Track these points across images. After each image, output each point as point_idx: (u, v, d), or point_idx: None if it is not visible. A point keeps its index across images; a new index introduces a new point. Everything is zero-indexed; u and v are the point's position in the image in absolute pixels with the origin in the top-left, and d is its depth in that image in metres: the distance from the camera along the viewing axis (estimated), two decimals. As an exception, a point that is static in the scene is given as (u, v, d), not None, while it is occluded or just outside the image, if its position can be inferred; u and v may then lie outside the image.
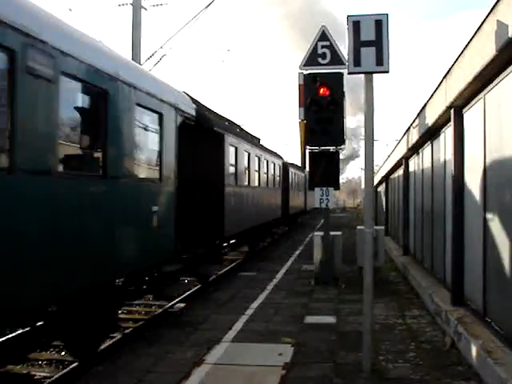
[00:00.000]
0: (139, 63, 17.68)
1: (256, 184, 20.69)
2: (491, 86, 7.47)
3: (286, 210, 30.21)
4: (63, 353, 9.68)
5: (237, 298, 12.35)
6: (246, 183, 18.74)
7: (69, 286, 7.17)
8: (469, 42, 7.63)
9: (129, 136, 8.94)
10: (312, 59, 13.11)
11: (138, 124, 9.47)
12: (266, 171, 23.14)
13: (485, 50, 6.77)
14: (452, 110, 9.38)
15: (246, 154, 18.71)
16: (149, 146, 10.21)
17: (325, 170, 13.49)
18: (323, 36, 13.14)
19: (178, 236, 11.38)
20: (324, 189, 13.56)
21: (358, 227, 15.26)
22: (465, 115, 9.15)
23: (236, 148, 16.92)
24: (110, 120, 8.24)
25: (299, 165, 37.27)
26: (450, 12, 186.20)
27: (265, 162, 22.96)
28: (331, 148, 13.50)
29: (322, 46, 13.05)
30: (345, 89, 13.01)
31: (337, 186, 13.78)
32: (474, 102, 8.47)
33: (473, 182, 8.65)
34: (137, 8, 18.96)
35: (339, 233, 15.38)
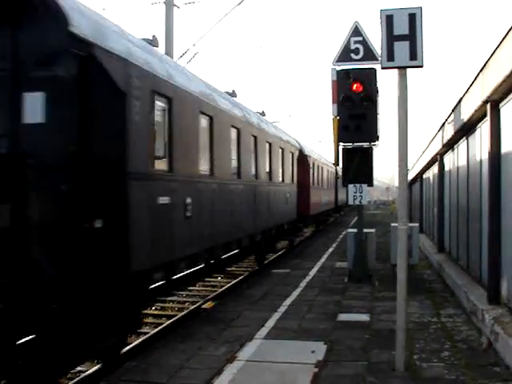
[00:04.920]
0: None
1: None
2: (529, 79, 7.29)
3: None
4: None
5: (270, 295, 12.33)
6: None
7: None
8: (506, 34, 7.46)
9: None
10: (345, 55, 12.99)
11: None
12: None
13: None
14: (488, 105, 9.19)
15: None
16: None
17: (358, 166, 13.39)
18: (356, 31, 13.01)
19: None
20: (357, 185, 13.45)
21: (392, 224, 15.10)
22: (502, 109, 8.95)
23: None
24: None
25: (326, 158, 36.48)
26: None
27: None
28: (365, 144, 13.41)
29: (355, 42, 12.92)
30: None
31: (370, 183, 13.65)
32: (511, 95, 8.28)
33: (510, 177, 8.46)
34: (169, 6, 19.07)
35: (373, 230, 15.23)
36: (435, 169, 19.57)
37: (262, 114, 17.92)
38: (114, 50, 7.74)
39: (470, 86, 10.43)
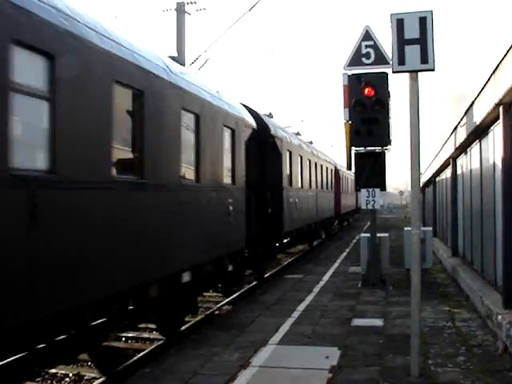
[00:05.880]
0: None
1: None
2: (542, 81, 7.23)
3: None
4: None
5: (284, 301, 12.32)
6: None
7: None
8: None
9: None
10: (356, 59, 13.00)
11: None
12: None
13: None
14: (501, 107, 9.13)
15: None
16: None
17: (371, 171, 13.35)
18: (367, 36, 13.01)
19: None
20: (370, 190, 13.41)
21: (406, 228, 15.04)
22: (514, 112, 8.90)
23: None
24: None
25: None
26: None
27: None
28: (377, 148, 13.37)
29: (366, 46, 12.92)
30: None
31: (383, 187, 13.60)
32: (524, 98, 8.23)
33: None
34: (181, 13, 19.16)
35: (386, 234, 15.17)
36: (448, 172, 19.47)
37: (270, 114, 21.61)
38: (279, 135, 17.65)
39: (482, 88, 10.38)
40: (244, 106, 14.96)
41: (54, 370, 8.86)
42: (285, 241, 19.40)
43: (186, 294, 10.21)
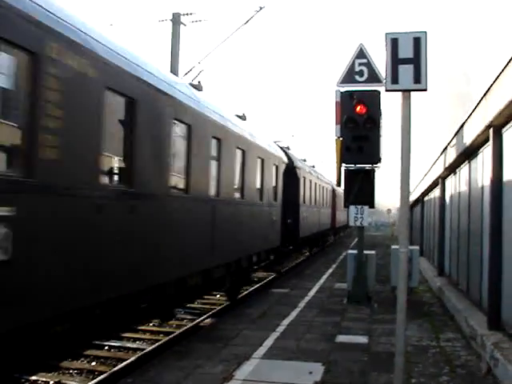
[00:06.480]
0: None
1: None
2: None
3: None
4: (94, 363, 9.78)
5: (269, 315, 12.27)
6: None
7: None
8: (510, 60, 7.50)
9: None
10: (349, 77, 13.08)
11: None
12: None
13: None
14: (491, 130, 9.22)
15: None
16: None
17: (360, 187, 13.40)
18: (361, 53, 13.10)
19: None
20: (359, 207, 13.45)
21: (393, 247, 15.08)
22: (504, 134, 8.98)
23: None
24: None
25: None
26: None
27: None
28: (367, 166, 13.42)
29: (360, 64, 13.02)
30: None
31: (372, 205, 13.64)
32: (514, 121, 8.30)
33: (512, 203, 8.46)
34: (176, 24, 19.21)
35: (373, 252, 15.20)
36: (437, 192, 19.57)
37: (287, 147, 27.15)
38: (298, 166, 23.92)
39: (473, 110, 10.47)
40: (278, 146, 21.63)
41: (34, 378, 8.74)
42: (292, 246, 24.82)
43: (249, 270, 16.53)
